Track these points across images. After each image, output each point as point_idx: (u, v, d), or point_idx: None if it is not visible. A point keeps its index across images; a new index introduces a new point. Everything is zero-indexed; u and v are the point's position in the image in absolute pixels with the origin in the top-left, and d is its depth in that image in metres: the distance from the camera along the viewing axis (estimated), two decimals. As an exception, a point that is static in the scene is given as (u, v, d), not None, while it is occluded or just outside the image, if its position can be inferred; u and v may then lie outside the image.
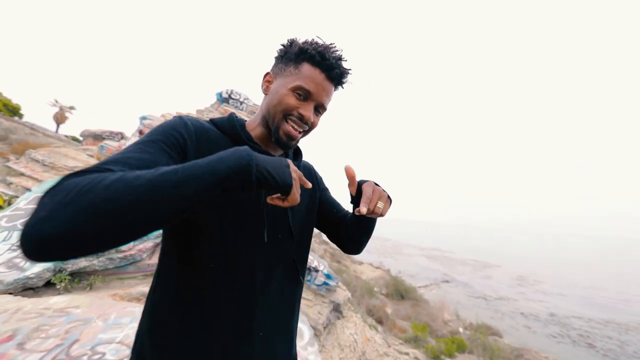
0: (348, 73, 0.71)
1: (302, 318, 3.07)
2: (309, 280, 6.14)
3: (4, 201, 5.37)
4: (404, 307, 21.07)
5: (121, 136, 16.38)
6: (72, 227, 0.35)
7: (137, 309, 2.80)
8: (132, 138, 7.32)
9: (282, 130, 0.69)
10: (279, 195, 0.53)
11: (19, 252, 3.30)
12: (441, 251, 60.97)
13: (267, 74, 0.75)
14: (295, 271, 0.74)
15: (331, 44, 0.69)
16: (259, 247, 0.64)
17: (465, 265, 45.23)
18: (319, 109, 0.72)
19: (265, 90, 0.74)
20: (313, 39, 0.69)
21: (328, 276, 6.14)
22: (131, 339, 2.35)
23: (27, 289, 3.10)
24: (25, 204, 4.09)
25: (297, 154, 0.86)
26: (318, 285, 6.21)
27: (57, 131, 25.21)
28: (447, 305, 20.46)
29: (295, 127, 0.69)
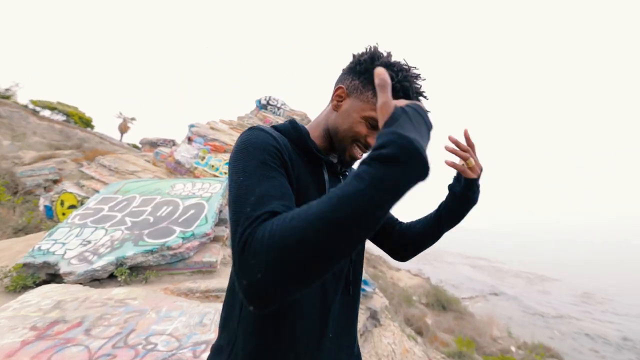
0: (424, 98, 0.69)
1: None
2: (345, 285, 6.05)
3: (78, 201, 6.16)
4: (446, 319, 19.69)
5: (173, 143, 17.94)
6: (289, 242, 0.37)
7: (185, 304, 2.98)
8: (181, 144, 7.96)
9: (348, 153, 0.70)
10: None
11: (88, 246, 3.73)
12: (488, 261, 56.30)
13: (340, 88, 0.70)
14: (353, 282, 0.74)
15: (416, 74, 0.64)
16: None
17: (518, 278, 41.09)
18: None
19: (335, 107, 0.70)
20: (399, 63, 0.64)
21: (364, 282, 6.00)
22: (180, 332, 2.50)
23: (94, 279, 3.48)
24: (94, 204, 4.63)
25: (348, 163, 0.85)
26: (355, 291, 6.07)
27: (121, 140, 28.50)
28: (497, 321, 18.73)
29: (361, 152, 0.70)
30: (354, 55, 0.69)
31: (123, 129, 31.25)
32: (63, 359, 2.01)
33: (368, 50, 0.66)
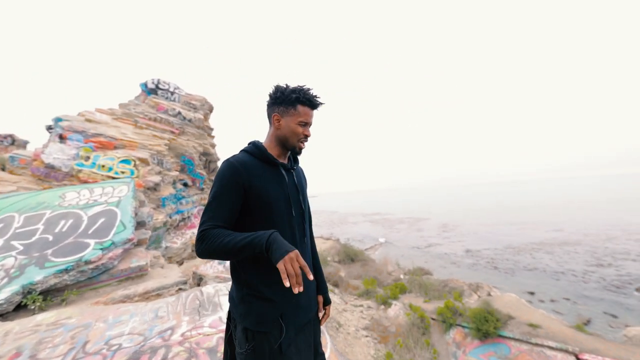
0: (322, 104, 1.23)
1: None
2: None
3: None
4: (355, 269, 23.55)
5: (12, 140, 13.63)
6: (208, 254, 1.00)
7: (131, 307, 3.06)
8: (50, 144, 6.48)
9: (298, 148, 1.24)
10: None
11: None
12: (381, 214, 67.60)
13: (275, 115, 1.20)
14: (306, 232, 1.33)
15: (309, 88, 1.18)
16: (292, 220, 1.23)
17: (402, 223, 51.46)
18: (310, 126, 1.26)
19: (278, 127, 1.21)
20: (295, 88, 1.17)
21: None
22: (139, 329, 2.67)
23: (-5, 316, 3.02)
24: (-51, 234, 3.66)
25: (295, 160, 1.35)
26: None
27: None
28: (390, 260, 23.55)
29: (303, 142, 1.25)
30: (270, 95, 1.21)
31: None
32: None
33: (276, 88, 1.19)
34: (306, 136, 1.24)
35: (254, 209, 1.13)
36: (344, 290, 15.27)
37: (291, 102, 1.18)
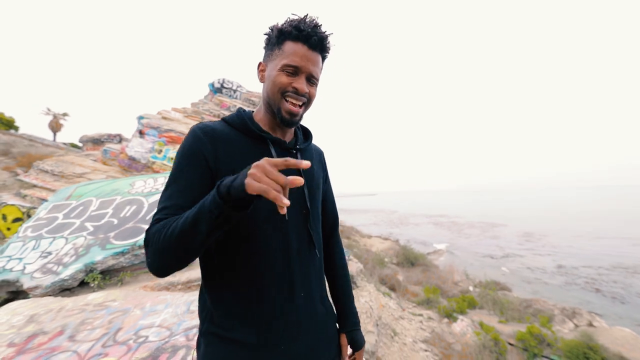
0: (327, 37, 0.74)
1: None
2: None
3: (23, 213, 5.59)
4: (415, 274, 21.73)
5: (120, 138, 16.42)
6: (159, 261, 0.62)
7: (169, 296, 3.05)
8: (133, 139, 7.41)
9: (283, 110, 0.74)
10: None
11: (50, 257, 3.54)
12: (448, 217, 61.82)
13: (260, 63, 0.80)
14: (311, 240, 0.82)
15: (305, 15, 0.72)
16: (283, 222, 0.75)
17: (473, 228, 46.01)
18: (311, 79, 0.75)
19: (261, 79, 0.79)
20: (288, 18, 0.73)
21: (339, 251, 6.44)
22: (168, 322, 2.60)
23: (64, 290, 3.36)
24: (46, 213, 4.29)
25: (306, 136, 0.92)
26: (331, 261, 6.51)
27: (54, 139, 25.16)
28: (456, 268, 21.11)
29: (294, 102, 0.73)
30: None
31: (55, 127, 27.54)
32: None
33: (271, 27, 0.76)
34: (297, 91, 0.73)
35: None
36: (401, 295, 14.10)
37: (278, 40, 0.74)
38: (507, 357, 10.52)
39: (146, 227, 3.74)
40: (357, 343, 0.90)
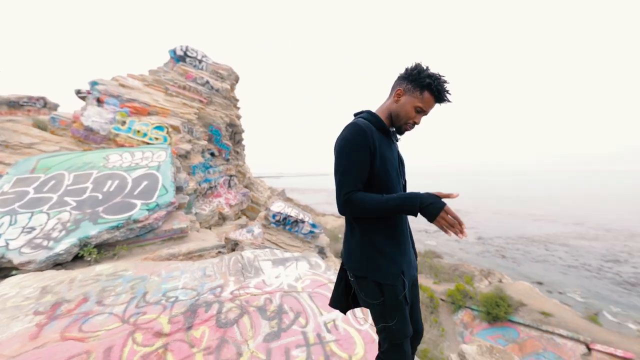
0: (449, 101, 1.18)
1: (316, 256, 3.85)
2: (296, 231, 6.96)
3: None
4: (366, 247, 23.84)
5: (44, 102, 14.06)
6: (360, 212, 1.08)
7: (181, 264, 3.28)
8: (89, 107, 6.66)
9: (402, 129, 1.23)
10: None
11: (35, 233, 3.39)
12: (393, 196, 67.29)
13: (399, 89, 1.19)
14: None
15: (445, 80, 1.13)
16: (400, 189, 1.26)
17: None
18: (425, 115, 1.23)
19: (397, 100, 1.20)
20: (432, 73, 1.12)
21: (313, 225, 7.03)
22: (191, 285, 2.88)
23: (57, 264, 3.30)
24: (10, 187, 3.92)
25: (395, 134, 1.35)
26: (304, 234, 7.09)
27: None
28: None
29: (410, 127, 1.23)
30: (406, 69, 1.17)
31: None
32: (95, 327, 2.21)
33: (416, 65, 1.15)
34: (415, 123, 1.20)
35: (373, 175, 1.14)
36: (355, 266, 15.55)
37: (420, 85, 1.14)
38: (439, 310, 12.77)
39: (135, 201, 3.82)
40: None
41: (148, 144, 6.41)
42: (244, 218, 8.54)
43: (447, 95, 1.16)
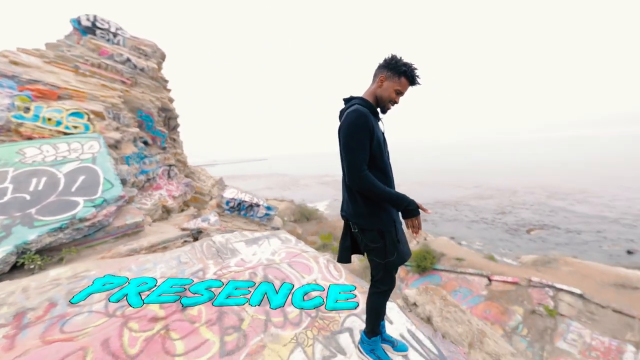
0: (419, 84, 1.53)
1: (284, 232, 4.12)
2: (251, 215, 7.01)
3: None
4: (311, 226, 25.00)
5: None
6: (367, 191, 1.47)
7: (150, 256, 3.18)
8: (-32, 90, 5.25)
9: (386, 108, 1.57)
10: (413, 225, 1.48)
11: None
12: (332, 177, 70.49)
13: (382, 76, 1.51)
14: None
15: (416, 68, 1.48)
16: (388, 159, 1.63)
17: (350, 184, 54.70)
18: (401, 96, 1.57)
19: (380, 85, 1.52)
20: (406, 62, 1.46)
21: (269, 208, 7.17)
22: (169, 273, 2.87)
23: (-12, 278, 2.84)
24: None
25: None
26: (260, 217, 7.20)
27: None
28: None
29: (391, 106, 1.57)
30: (385, 59, 1.49)
31: None
32: (78, 326, 2.12)
33: (393, 56, 1.47)
34: (395, 102, 1.57)
35: (371, 153, 1.49)
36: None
37: (398, 72, 1.49)
38: (380, 271, 14.60)
39: (75, 199, 3.68)
40: None
41: (66, 133, 5.50)
42: (192, 208, 8.13)
43: (418, 79, 1.53)
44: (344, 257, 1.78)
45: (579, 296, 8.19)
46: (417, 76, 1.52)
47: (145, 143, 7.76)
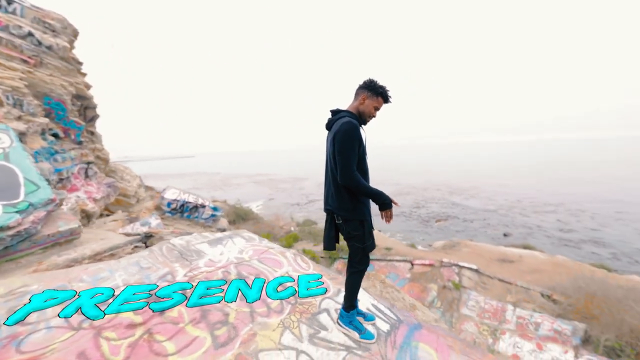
0: (391, 102, 1.95)
1: (246, 231, 4.18)
2: (196, 217, 6.60)
3: None
4: (248, 227, 24.37)
5: None
6: (354, 188, 1.85)
7: (102, 265, 2.89)
8: None
9: (367, 121, 1.96)
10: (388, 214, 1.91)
11: None
12: (266, 175, 69.27)
13: (364, 95, 1.89)
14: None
15: (387, 88, 1.90)
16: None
17: (285, 183, 54.97)
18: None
19: (362, 103, 1.90)
20: (382, 85, 1.88)
21: (215, 208, 6.86)
22: (132, 280, 2.69)
23: None
24: None
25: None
26: (205, 219, 6.84)
27: None
28: (282, 215, 25.61)
29: (370, 120, 1.98)
30: (365, 82, 1.89)
31: None
32: (42, 343, 1.89)
33: (371, 80, 1.88)
34: (374, 117, 2.00)
35: (358, 157, 1.86)
36: (243, 245, 15.90)
37: (376, 92, 1.91)
38: (320, 264, 15.35)
39: None
40: None
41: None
42: (121, 212, 7.19)
43: (390, 98, 1.97)
44: (330, 245, 2.13)
45: (475, 271, 10.39)
46: (390, 96, 1.96)
47: (56, 136, 6.53)
